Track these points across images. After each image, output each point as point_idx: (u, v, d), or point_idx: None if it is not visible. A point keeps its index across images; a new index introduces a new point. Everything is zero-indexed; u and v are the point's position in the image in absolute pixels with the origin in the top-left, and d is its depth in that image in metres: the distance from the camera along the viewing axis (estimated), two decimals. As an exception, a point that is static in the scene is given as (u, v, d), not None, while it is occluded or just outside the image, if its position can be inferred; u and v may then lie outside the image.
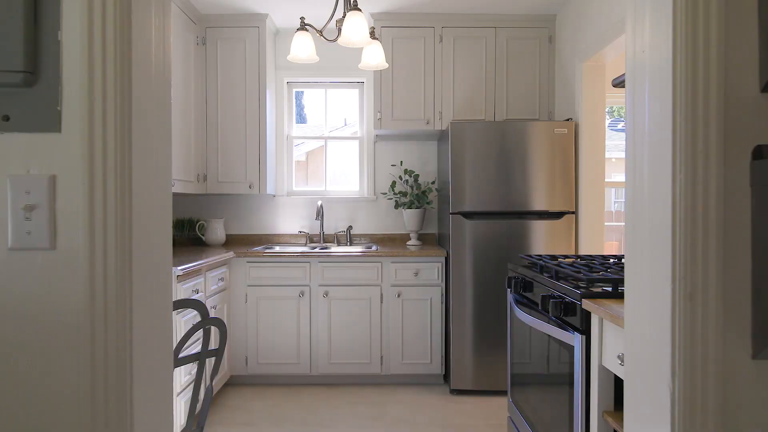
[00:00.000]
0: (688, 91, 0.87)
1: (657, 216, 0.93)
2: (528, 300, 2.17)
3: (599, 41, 3.02)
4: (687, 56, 0.87)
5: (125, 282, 0.84)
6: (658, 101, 0.93)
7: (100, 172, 0.83)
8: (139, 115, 0.88)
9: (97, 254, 0.83)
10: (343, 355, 3.46)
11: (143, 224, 0.90)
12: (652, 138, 0.95)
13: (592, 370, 1.54)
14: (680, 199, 0.87)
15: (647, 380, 0.95)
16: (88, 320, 0.82)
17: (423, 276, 3.45)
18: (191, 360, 1.38)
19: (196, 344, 2.58)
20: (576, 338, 1.60)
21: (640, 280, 0.98)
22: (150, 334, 0.93)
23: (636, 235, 1.00)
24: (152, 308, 0.94)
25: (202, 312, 1.36)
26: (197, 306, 1.34)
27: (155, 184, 0.94)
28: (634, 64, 1.03)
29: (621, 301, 1.53)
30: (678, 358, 0.87)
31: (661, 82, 0.92)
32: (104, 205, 0.83)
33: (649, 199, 0.96)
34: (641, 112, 1.00)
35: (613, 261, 2.12)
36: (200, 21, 3.72)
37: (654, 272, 0.93)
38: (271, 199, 4.12)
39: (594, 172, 3.25)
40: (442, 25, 3.71)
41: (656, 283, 0.93)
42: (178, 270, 2.54)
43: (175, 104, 3.29)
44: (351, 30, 2.44)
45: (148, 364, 0.92)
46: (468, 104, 3.72)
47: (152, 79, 0.94)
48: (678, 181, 0.88)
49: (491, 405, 3.14)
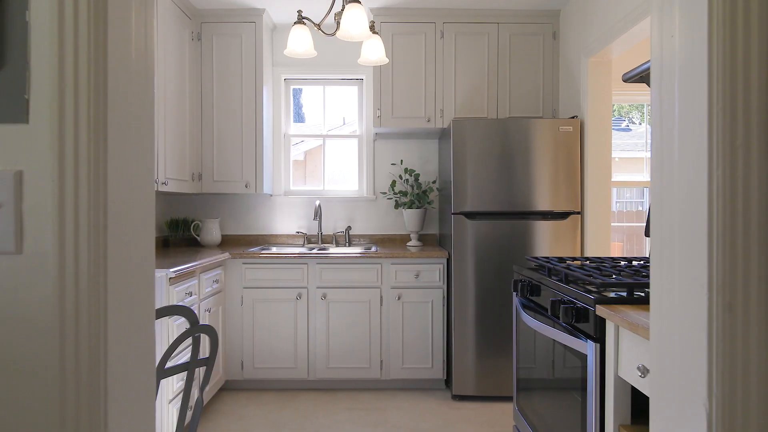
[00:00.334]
0: (726, 79, 0.79)
1: (690, 218, 0.84)
2: (535, 304, 2.08)
3: (606, 36, 2.94)
4: (725, 41, 0.79)
5: (99, 290, 0.76)
6: (691, 92, 0.84)
7: (72, 168, 0.74)
8: (116, 105, 0.79)
9: (67, 259, 0.74)
10: (341, 360, 3.37)
11: (121, 226, 0.81)
12: (683, 133, 0.87)
13: (607, 380, 1.45)
14: (717, 199, 0.79)
15: (679, 398, 0.86)
16: (56, 333, 0.73)
17: (424, 278, 3.36)
18: (179, 370, 1.30)
19: (186, 351, 2.49)
20: (589, 346, 1.51)
21: (670, 288, 0.90)
22: (128, 347, 0.84)
23: (664, 238, 0.92)
24: (131, 318, 0.85)
25: (191, 319, 1.27)
26: (185, 312, 1.25)
27: (135, 181, 0.85)
28: (662, 52, 0.94)
29: (637, 307, 1.44)
30: (716, 376, 0.78)
31: (693, 71, 0.84)
32: (76, 204, 0.74)
33: (679, 199, 0.87)
34: (669, 106, 0.91)
35: (624, 264, 2.03)
36: (195, 16, 3.63)
37: (686, 280, 0.85)
38: (268, 199, 4.03)
39: (600, 171, 3.16)
40: (444, 21, 3.63)
41: (689, 292, 0.84)
42: (171, 272, 2.45)
43: (170, 101, 3.20)
44: (350, 23, 2.35)
45: (126, 380, 0.83)
46: (470, 102, 3.63)
47: (132, 66, 0.85)
48: (715, 179, 0.79)
49: (494, 411, 3.06)
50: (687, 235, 0.85)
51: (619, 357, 1.40)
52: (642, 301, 1.48)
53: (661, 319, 0.92)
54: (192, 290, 2.75)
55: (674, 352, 0.88)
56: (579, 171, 3.20)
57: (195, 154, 3.62)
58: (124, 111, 0.82)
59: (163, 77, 3.10)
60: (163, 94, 3.11)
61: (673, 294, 0.88)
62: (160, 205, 3.81)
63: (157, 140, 3.01)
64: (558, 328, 1.75)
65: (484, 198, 3.20)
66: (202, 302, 2.91)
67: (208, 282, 3.00)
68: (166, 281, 2.44)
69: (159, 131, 3.04)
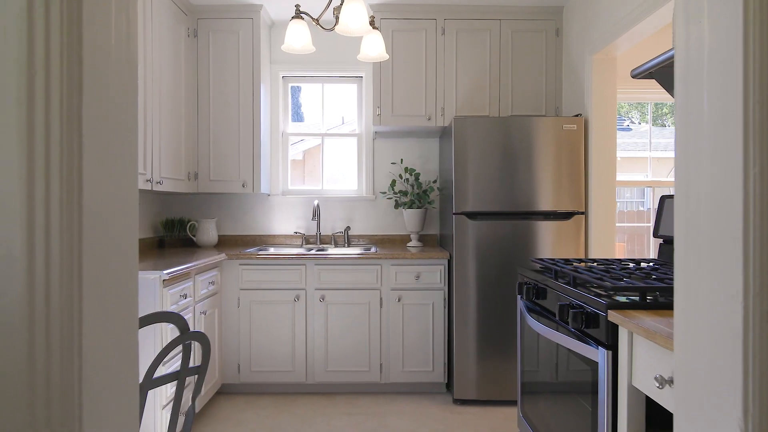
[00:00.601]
0: (764, 68, 0.72)
1: (722, 219, 0.77)
2: (541, 308, 2.01)
3: (610, 33, 2.87)
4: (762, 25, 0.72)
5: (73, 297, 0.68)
6: (723, 83, 0.77)
7: (42, 163, 0.66)
8: (93, 94, 0.72)
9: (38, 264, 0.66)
10: (340, 363, 3.29)
11: (99, 227, 0.73)
12: (713, 128, 0.80)
13: (620, 389, 1.38)
14: (754, 198, 0.72)
15: (708, 417, 0.79)
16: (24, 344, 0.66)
17: (424, 279, 3.28)
18: (169, 380, 1.22)
19: (181, 357, 2.41)
20: (600, 353, 1.44)
21: (697, 294, 0.82)
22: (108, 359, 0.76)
23: (689, 241, 0.85)
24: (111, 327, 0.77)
25: (181, 326, 1.19)
26: (175, 319, 1.18)
27: (116, 178, 0.78)
28: (687, 39, 0.87)
29: (651, 312, 1.37)
30: (752, 393, 0.71)
31: (726, 60, 0.77)
32: (47, 204, 0.67)
33: (709, 199, 0.80)
34: (697, 98, 0.84)
35: (633, 266, 1.96)
36: (191, 12, 3.55)
37: (717, 286, 0.78)
38: (265, 199, 3.96)
39: (605, 171, 3.10)
40: (445, 17, 3.56)
41: (720, 300, 0.77)
42: (164, 274, 2.38)
43: (165, 99, 3.12)
44: (349, 17, 2.28)
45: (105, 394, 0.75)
46: (471, 100, 3.56)
47: (112, 52, 0.77)
48: (751, 177, 0.72)
49: (497, 416, 2.99)
50: (719, 237, 0.77)
51: (633, 365, 1.33)
52: (656, 306, 1.41)
53: (687, 328, 0.85)
54: (187, 292, 2.67)
55: (703, 365, 0.81)
56: (583, 170, 3.13)
57: (191, 153, 3.54)
58: (103, 100, 0.75)
59: (159, 74, 3.03)
60: (159, 91, 3.03)
61: (701, 301, 0.81)
62: (155, 205, 3.73)
63: (152, 138, 2.94)
64: (566, 333, 1.68)
65: (485, 198, 3.13)
66: (197, 304, 2.84)
67: (203, 284, 2.93)
68: (159, 283, 2.37)
69: (154, 129, 2.97)
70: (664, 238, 2.13)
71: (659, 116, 9.97)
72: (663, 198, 2.18)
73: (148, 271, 2.38)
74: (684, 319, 0.86)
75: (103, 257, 0.74)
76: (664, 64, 1.92)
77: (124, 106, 0.81)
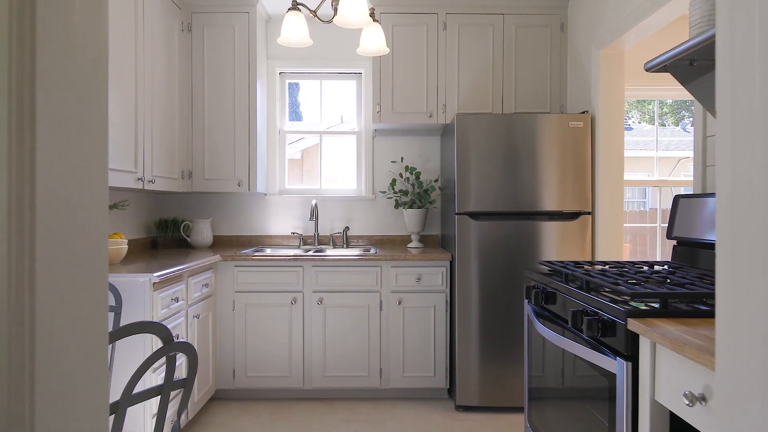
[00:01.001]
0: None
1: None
2: (551, 313, 1.91)
3: (618, 27, 2.77)
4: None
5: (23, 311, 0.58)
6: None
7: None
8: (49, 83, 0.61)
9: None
10: (338, 368, 3.19)
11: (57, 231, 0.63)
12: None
13: (641, 405, 1.28)
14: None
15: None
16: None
17: (426, 281, 3.18)
18: (151, 395, 1.12)
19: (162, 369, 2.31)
20: (618, 365, 1.34)
21: (749, 306, 0.72)
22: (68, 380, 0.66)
23: (737, 244, 0.75)
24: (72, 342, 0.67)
25: (164, 336, 1.09)
26: (157, 329, 1.07)
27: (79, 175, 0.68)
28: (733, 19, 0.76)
29: (675, 321, 1.27)
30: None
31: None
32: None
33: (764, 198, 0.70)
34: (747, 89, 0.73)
35: (647, 269, 1.86)
36: (186, 6, 3.44)
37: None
38: (261, 198, 3.85)
39: (612, 169, 3.00)
40: (446, 12, 3.45)
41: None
42: (155, 276, 2.27)
43: (158, 95, 3.01)
44: (348, 8, 2.18)
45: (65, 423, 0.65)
46: (473, 96, 3.46)
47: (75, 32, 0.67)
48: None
49: (500, 423, 2.89)
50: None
51: (656, 379, 1.23)
52: (678, 314, 1.31)
53: (733, 344, 0.75)
54: (179, 295, 2.57)
55: (756, 389, 0.71)
56: (590, 169, 3.04)
57: (185, 151, 3.43)
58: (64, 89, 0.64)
59: (151, 70, 2.92)
60: (151, 87, 2.92)
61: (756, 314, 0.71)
62: (148, 205, 3.62)
63: (143, 136, 2.83)
64: (580, 341, 1.58)
65: (489, 197, 3.03)
66: (190, 308, 2.73)
67: (197, 286, 2.82)
68: (149, 287, 2.26)
69: (146, 126, 2.86)
70: (679, 240, 2.03)
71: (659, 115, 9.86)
72: (677, 198, 2.08)
73: (137, 273, 2.28)
74: (729, 333, 0.76)
75: (63, 263, 0.64)
76: (679, 57, 1.82)
77: (92, 96, 0.71)
